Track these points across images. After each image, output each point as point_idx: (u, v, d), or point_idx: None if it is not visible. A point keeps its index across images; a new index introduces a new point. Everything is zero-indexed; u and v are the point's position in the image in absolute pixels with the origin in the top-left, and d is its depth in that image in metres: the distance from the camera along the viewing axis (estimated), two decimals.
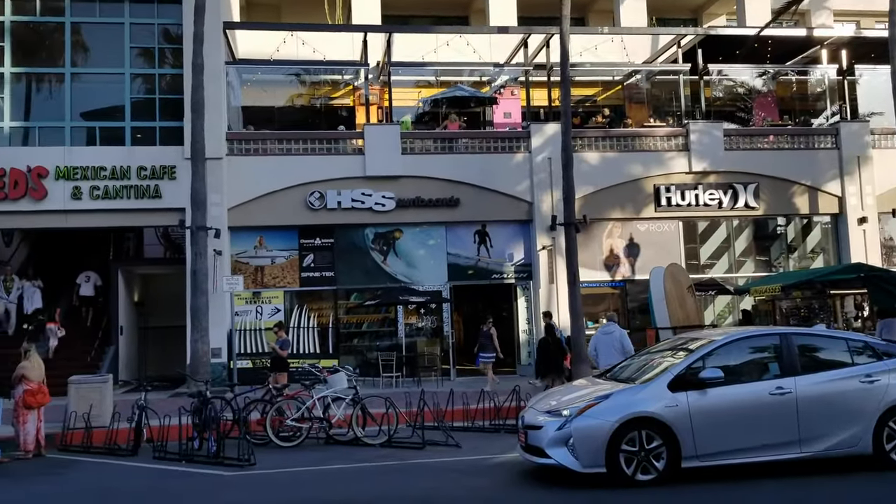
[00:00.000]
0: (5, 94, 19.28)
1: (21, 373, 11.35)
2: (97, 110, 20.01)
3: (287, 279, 19.56)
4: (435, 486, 8.52)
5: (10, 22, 19.37)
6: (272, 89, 22.92)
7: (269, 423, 11.58)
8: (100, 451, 11.45)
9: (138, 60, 20.03)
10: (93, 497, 8.59)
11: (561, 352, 14.77)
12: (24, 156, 18.55)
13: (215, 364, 17.72)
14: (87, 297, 20.91)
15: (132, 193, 18.82)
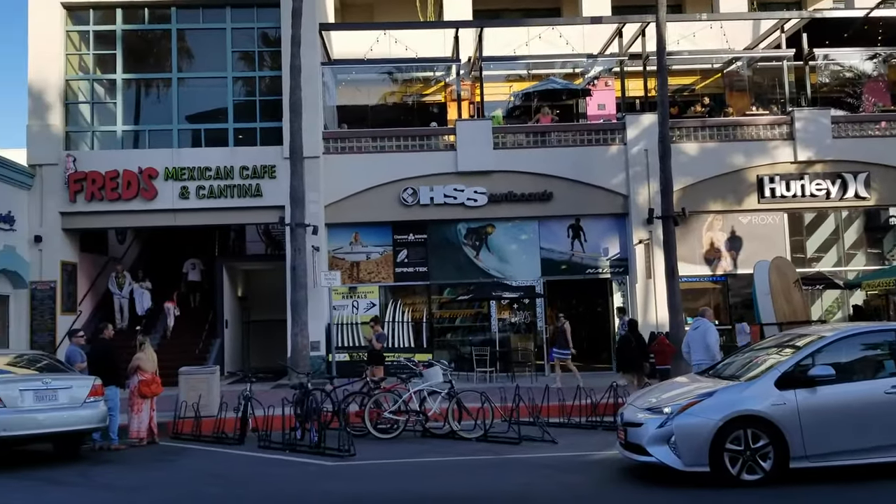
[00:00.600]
0: (118, 100, 20.37)
1: (136, 364, 12.00)
2: (202, 113, 20.89)
3: (381, 274, 19.89)
4: (532, 481, 8.49)
5: (122, 31, 20.43)
6: (366, 88, 23.33)
7: (368, 416, 11.83)
8: (209, 440, 11.96)
9: (239, 64, 20.78)
10: (204, 482, 8.97)
11: (642, 349, 14.49)
12: (135, 158, 19.55)
13: (314, 357, 18.21)
14: (193, 283, 22.32)
15: (235, 192, 19.54)
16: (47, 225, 19.14)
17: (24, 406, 10.05)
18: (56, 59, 19.82)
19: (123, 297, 20.49)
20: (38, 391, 10.26)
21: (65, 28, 20.09)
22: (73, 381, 10.68)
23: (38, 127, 19.54)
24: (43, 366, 11.64)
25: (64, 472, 9.72)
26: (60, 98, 19.81)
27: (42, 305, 18.77)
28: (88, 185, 19.18)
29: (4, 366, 11.30)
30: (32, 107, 19.65)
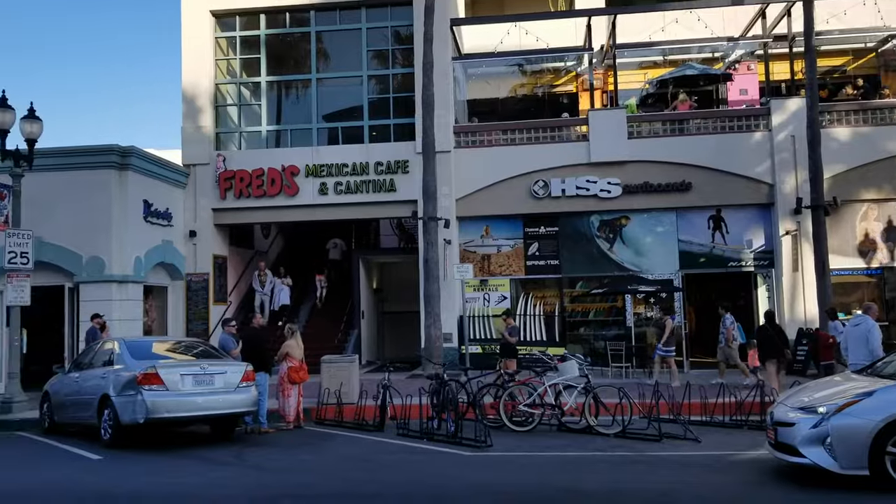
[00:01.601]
0: (262, 102, 21.43)
1: (286, 351, 12.62)
2: (338, 111, 21.64)
3: (513, 267, 19.89)
4: (676, 479, 8.24)
5: (265, 35, 21.47)
6: (495, 81, 23.40)
7: (503, 408, 11.88)
8: (350, 426, 12.41)
9: (372, 62, 21.35)
10: (350, 467, 9.31)
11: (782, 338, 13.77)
12: (279, 156, 20.51)
13: (447, 348, 18.49)
14: (335, 261, 23.58)
15: (370, 187, 20.11)
16: (200, 221, 20.43)
17: (184, 390, 10.79)
18: (206, 64, 21.09)
19: (265, 294, 21.40)
20: (197, 376, 10.99)
21: (214, 35, 21.34)
22: (227, 367, 11.37)
23: (192, 129, 20.88)
24: (199, 352, 12.47)
25: (220, 453, 10.35)
26: (211, 101, 21.07)
27: (196, 296, 20.07)
28: (237, 182, 20.31)
29: (165, 352, 12.21)
30: (186, 110, 21.01)
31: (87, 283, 17.22)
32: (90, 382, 11.65)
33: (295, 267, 23.27)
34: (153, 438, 11.32)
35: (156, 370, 10.66)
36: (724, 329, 16.22)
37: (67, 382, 12.42)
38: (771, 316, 14.20)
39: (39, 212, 16.31)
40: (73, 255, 17.25)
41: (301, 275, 22.83)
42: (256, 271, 21.65)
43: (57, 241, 17.08)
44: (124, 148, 17.66)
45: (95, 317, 15.59)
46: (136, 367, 10.81)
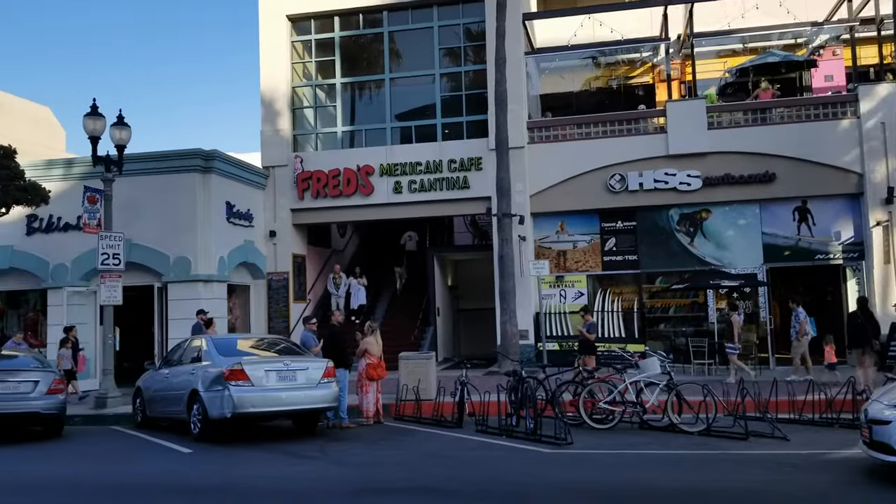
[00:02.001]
0: (337, 103, 21.78)
1: (365, 347, 12.81)
2: (411, 110, 21.81)
3: (589, 263, 19.65)
4: (764, 478, 7.99)
5: (339, 38, 21.81)
6: (569, 75, 23.16)
7: (582, 405, 11.75)
8: (428, 422, 12.50)
9: (444, 60, 21.42)
10: (431, 463, 9.38)
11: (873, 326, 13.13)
12: (354, 157, 20.82)
13: (523, 345, 18.42)
14: (411, 252, 24.00)
15: (444, 185, 20.19)
16: (280, 221, 20.92)
17: (269, 385, 11.07)
18: (283, 68, 21.57)
19: (340, 296, 21.46)
20: (281, 372, 11.26)
21: (290, 39, 21.80)
22: (309, 364, 11.61)
23: (270, 132, 21.39)
24: (281, 349, 12.78)
25: (303, 448, 10.58)
26: (288, 104, 21.54)
27: (277, 294, 20.58)
28: (314, 183, 20.71)
29: (249, 348, 12.56)
30: (264, 114, 21.54)
31: (175, 282, 17.87)
32: (179, 378, 12.09)
33: (370, 265, 23.61)
34: (240, 433, 11.65)
35: (242, 366, 10.97)
36: (796, 323, 15.68)
37: (158, 378, 12.92)
38: (864, 302, 13.64)
39: (129, 215, 17.00)
40: (161, 255, 17.92)
41: (376, 273, 23.14)
42: (331, 274, 21.91)
43: (146, 242, 17.77)
44: (207, 152, 18.24)
45: (200, 313, 16.13)
46: (222, 364, 11.15)
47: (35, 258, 18.51)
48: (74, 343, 16.44)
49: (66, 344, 16.23)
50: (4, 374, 11.99)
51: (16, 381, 11.89)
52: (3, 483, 8.68)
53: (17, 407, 11.76)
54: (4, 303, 19.69)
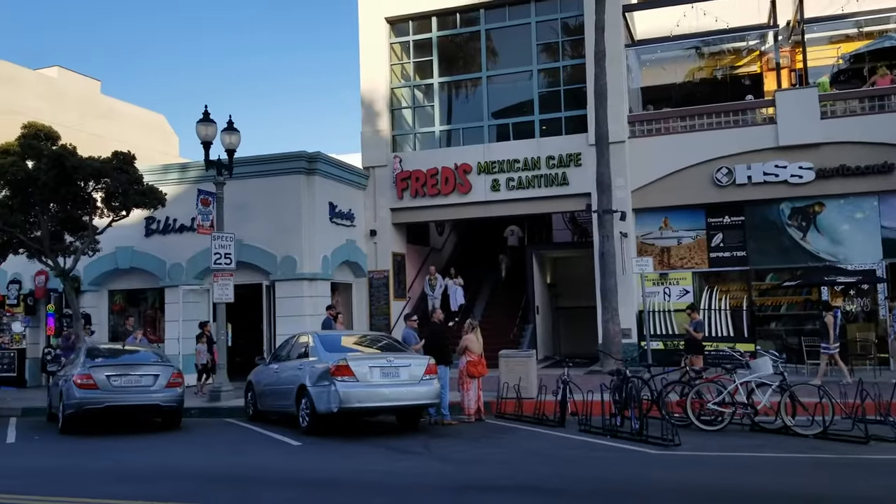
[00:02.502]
0: (435, 103, 21.98)
1: (465, 345, 12.89)
2: (508, 107, 21.75)
3: (694, 260, 19.06)
4: (886, 485, 7.55)
5: (437, 38, 21.99)
6: (671, 66, 22.54)
7: (690, 406, 11.43)
8: (530, 420, 12.45)
9: (541, 56, 21.25)
10: (534, 461, 9.34)
11: None
12: (451, 155, 20.95)
13: (626, 344, 18.06)
14: (513, 247, 24.05)
15: (542, 182, 20.04)
16: (380, 220, 21.30)
17: (373, 381, 11.29)
18: (382, 70, 21.93)
19: (435, 297, 21.27)
20: (384, 368, 11.47)
21: (388, 41, 22.14)
22: (411, 360, 11.76)
23: (370, 133, 21.80)
24: (384, 345, 13.02)
25: (407, 443, 10.73)
26: (387, 105, 21.89)
27: (378, 292, 20.96)
28: (412, 182, 20.97)
29: (353, 345, 12.86)
30: (364, 115, 21.97)
31: (282, 280, 18.48)
32: (288, 373, 12.50)
33: (467, 263, 23.70)
34: (345, 427, 11.93)
35: (347, 362, 11.23)
36: (894, 322, 14.68)
37: (268, 373, 13.40)
38: None
39: (239, 216, 17.67)
40: (269, 255, 18.56)
41: (473, 272, 23.20)
42: (427, 276, 21.87)
43: (254, 242, 18.44)
44: (311, 154, 18.76)
45: (329, 308, 16.59)
46: (328, 360, 11.45)
47: (153, 258, 19.53)
48: (209, 338, 17.05)
49: (201, 339, 16.87)
50: (127, 367, 12.73)
51: (138, 374, 12.59)
52: (127, 470, 9.20)
53: (139, 399, 12.45)
54: (125, 300, 20.87)
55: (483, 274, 23.87)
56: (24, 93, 33.82)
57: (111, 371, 12.42)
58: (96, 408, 12.11)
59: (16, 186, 16.25)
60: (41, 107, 32.10)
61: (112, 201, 16.80)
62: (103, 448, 10.96)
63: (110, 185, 16.52)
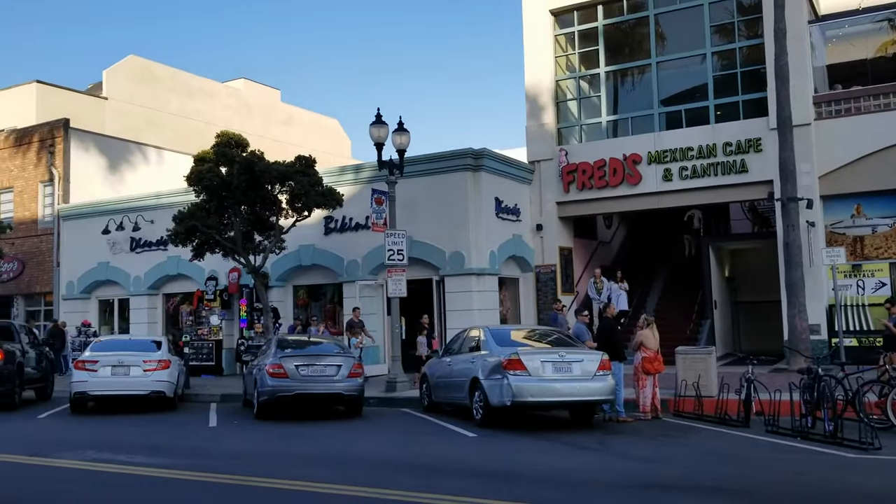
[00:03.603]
0: (601, 93, 21.55)
1: (640, 340, 12.57)
2: (679, 94, 20.93)
3: (893, 249, 17.47)
4: None
5: (602, 26, 21.54)
6: (860, 41, 20.71)
7: (890, 407, 10.51)
8: (711, 420, 11.92)
9: (714, 38, 20.25)
10: (715, 461, 8.95)
11: None
12: (619, 146, 20.47)
13: (814, 341, 16.88)
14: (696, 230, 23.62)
15: (718, 170, 19.13)
16: (546, 214, 21.20)
17: (545, 376, 11.27)
18: (547, 63, 21.81)
19: (601, 300, 20.62)
20: (556, 363, 11.41)
21: (553, 33, 21.98)
22: (584, 355, 11.63)
23: (535, 127, 21.75)
24: (554, 340, 12.95)
25: (582, 439, 10.62)
26: (552, 98, 21.74)
27: (545, 287, 20.89)
28: (579, 175, 20.70)
29: (523, 339, 12.88)
30: (529, 109, 21.95)
31: (451, 275, 18.89)
32: (460, 366, 12.75)
33: (637, 257, 23.08)
34: (518, 420, 12.00)
35: (519, 356, 11.29)
36: None
37: (441, 366, 13.74)
38: None
39: (409, 213, 18.21)
40: (438, 251, 19.02)
41: (646, 267, 22.57)
42: (592, 279, 20.84)
43: (423, 238, 18.96)
44: (477, 151, 19.01)
45: (556, 301, 17.04)
46: (500, 353, 11.57)
47: (332, 255, 20.60)
48: (429, 329, 17.27)
49: (422, 331, 17.12)
50: (313, 358, 13.52)
51: (322, 364, 13.34)
52: (318, 455, 9.77)
53: (324, 388, 13.19)
54: (307, 295, 22.17)
55: (654, 267, 23.17)
56: (215, 104, 36.79)
57: (299, 361, 13.24)
58: (287, 395, 12.95)
59: (212, 191, 17.68)
60: (230, 116, 34.82)
61: (296, 202, 17.88)
62: (294, 433, 11.71)
63: (294, 188, 17.58)
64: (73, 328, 23.23)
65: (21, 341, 16.30)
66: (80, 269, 25.20)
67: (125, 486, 7.85)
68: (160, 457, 9.47)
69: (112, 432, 12.22)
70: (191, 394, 17.20)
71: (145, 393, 14.56)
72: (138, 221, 24.02)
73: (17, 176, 27.58)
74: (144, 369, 14.58)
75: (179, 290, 24.00)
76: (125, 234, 24.33)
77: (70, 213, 25.78)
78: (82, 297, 25.32)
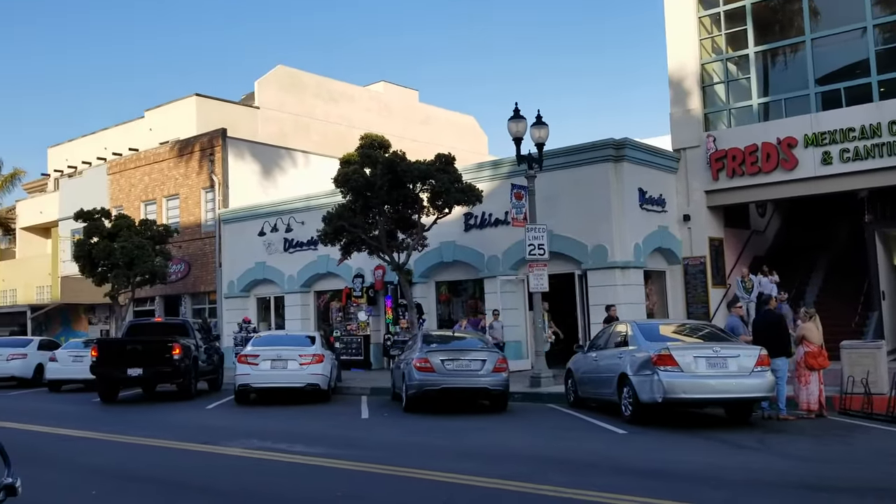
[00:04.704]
0: (751, 75, 20.44)
1: (803, 334, 11.85)
2: (837, 71, 19.54)
3: None
4: None
5: (750, 5, 20.42)
6: None
7: None
8: (882, 419, 11.11)
9: (875, 10, 18.73)
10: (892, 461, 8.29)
11: None
12: (772, 129, 19.35)
13: None
14: None
15: (884, 151, 17.73)
16: (693, 204, 20.40)
17: (698, 372, 10.84)
18: (691, 46, 20.95)
19: (751, 300, 18.96)
20: (710, 358, 10.95)
21: (697, 15, 21.07)
22: (739, 351, 11.10)
23: (680, 113, 20.96)
24: (706, 334, 12.43)
25: (739, 437, 10.14)
26: (697, 83, 20.86)
27: (694, 280, 20.10)
28: (728, 161, 19.76)
29: (672, 334, 12.44)
30: (673, 95, 21.17)
31: (593, 269, 18.58)
32: (607, 362, 12.51)
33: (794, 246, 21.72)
34: (669, 418, 11.62)
35: (669, 352, 10.93)
36: None
37: (586, 361, 13.53)
38: None
39: (548, 207, 18.05)
40: (579, 244, 18.76)
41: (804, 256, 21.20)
42: (739, 278, 19.65)
43: (564, 232, 18.75)
44: (618, 141, 18.58)
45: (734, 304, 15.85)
46: (649, 349, 11.24)
47: (472, 251, 20.79)
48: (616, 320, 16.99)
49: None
50: (458, 353, 13.70)
51: (468, 359, 13.49)
52: (466, 448, 9.90)
53: (469, 382, 13.34)
54: (449, 291, 22.50)
55: (813, 256, 21.75)
56: (357, 108, 38.10)
57: (445, 356, 13.46)
58: (433, 389, 13.21)
59: (357, 192, 18.31)
60: (370, 119, 35.95)
61: (436, 200, 18.18)
62: (441, 426, 11.92)
63: (435, 186, 17.88)
64: (234, 325, 24.77)
65: (195, 337, 17.77)
66: (240, 268, 26.87)
67: (288, 474, 8.27)
68: (318, 446, 9.92)
69: (273, 422, 12.93)
70: (342, 387, 17.92)
71: (302, 385, 15.32)
72: (290, 223, 25.30)
73: (182, 184, 29.76)
74: (301, 363, 15.35)
75: (329, 288, 25.06)
76: (279, 235, 25.69)
77: (229, 217, 27.52)
78: (242, 295, 26.98)
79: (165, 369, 16.37)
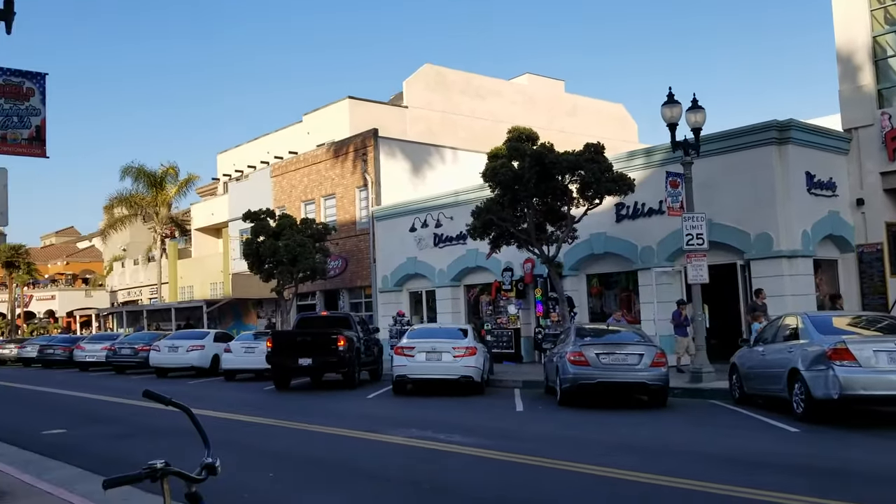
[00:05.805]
0: None
1: None
2: None
3: None
4: None
5: None
6: None
7: None
8: None
9: None
10: None
11: None
12: None
13: None
14: None
15: None
16: (867, 187, 18.88)
17: (878, 367, 10.04)
18: (861, 18, 19.38)
19: None
20: (891, 353, 10.11)
21: None
22: None
23: (850, 90, 19.45)
24: (885, 327, 11.50)
25: None
26: (869, 57, 19.27)
27: (869, 268, 18.62)
28: None
29: (847, 326, 11.61)
30: (842, 71, 19.68)
31: (757, 259, 17.64)
32: (775, 356, 11.84)
33: None
34: (845, 416, 10.85)
35: (846, 346, 10.19)
36: None
37: (753, 356, 12.87)
38: None
39: (705, 194, 17.28)
40: (740, 233, 17.87)
41: None
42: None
43: (722, 220, 17.92)
44: (782, 122, 17.52)
45: None
46: (823, 343, 10.54)
47: (625, 242, 20.32)
48: None
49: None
50: (614, 346, 13.46)
51: (623, 353, 13.22)
52: (624, 442, 9.71)
53: (626, 376, 13.07)
54: (600, 283, 22.12)
55: None
56: (503, 102, 38.24)
57: (599, 349, 13.25)
58: (589, 383, 13.04)
59: (505, 185, 18.36)
60: (516, 112, 35.94)
61: (586, 191, 17.90)
62: (597, 420, 11.77)
63: (584, 176, 17.60)
64: (389, 318, 25.60)
65: (357, 330, 18.78)
66: (393, 264, 27.74)
67: (450, 463, 8.46)
68: (474, 437, 10.08)
69: (430, 412, 13.27)
70: (495, 379, 18.08)
71: (456, 377, 15.63)
72: (440, 218, 25.81)
73: (338, 183, 31.10)
74: (454, 355, 15.66)
75: (478, 282, 25.35)
76: (429, 230, 26.28)
77: (382, 214, 28.47)
78: (395, 289, 27.85)
79: (332, 359, 17.51)
